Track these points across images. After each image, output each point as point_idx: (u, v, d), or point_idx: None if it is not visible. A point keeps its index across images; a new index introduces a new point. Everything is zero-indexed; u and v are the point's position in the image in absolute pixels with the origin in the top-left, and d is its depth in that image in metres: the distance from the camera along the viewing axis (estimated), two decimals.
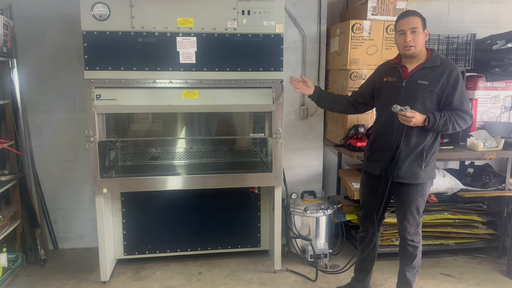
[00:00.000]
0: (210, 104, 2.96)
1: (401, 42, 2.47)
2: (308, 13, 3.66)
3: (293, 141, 3.80)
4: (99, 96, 2.83)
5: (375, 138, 2.69)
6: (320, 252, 3.38)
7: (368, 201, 2.80)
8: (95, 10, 2.76)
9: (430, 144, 2.53)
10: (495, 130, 3.62)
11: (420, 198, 2.61)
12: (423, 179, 2.56)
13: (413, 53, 2.47)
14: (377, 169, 2.65)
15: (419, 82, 2.46)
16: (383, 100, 2.61)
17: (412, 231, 2.68)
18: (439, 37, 3.45)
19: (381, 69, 2.72)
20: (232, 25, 2.90)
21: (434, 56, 2.51)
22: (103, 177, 3.00)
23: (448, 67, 2.46)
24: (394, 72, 2.58)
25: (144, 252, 3.44)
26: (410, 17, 2.45)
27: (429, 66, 2.48)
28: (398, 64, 2.58)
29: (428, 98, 2.45)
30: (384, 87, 2.62)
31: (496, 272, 3.38)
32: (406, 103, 2.41)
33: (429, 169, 2.57)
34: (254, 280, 3.23)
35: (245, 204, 3.52)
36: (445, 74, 2.43)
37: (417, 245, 2.71)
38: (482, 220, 3.57)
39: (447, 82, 2.43)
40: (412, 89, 2.48)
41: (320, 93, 2.88)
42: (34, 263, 3.46)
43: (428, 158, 2.54)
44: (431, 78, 2.45)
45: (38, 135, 3.58)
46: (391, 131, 2.54)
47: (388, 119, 2.55)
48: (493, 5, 4.02)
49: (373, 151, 2.70)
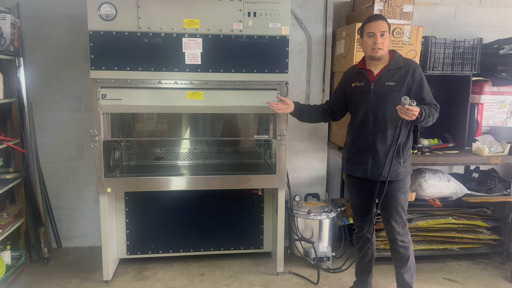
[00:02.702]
0: (215, 105, 2.96)
1: (370, 44, 2.54)
2: (314, 15, 3.66)
3: (297, 143, 3.80)
4: (104, 95, 2.84)
5: (353, 141, 2.75)
6: (323, 255, 3.37)
7: (356, 202, 2.86)
8: (102, 10, 2.78)
9: (405, 140, 2.60)
10: (501, 135, 3.59)
11: (402, 195, 2.66)
12: (403, 175, 2.64)
13: (381, 55, 2.55)
14: (359, 172, 2.71)
15: (386, 84, 2.56)
16: (355, 104, 2.70)
17: (401, 231, 2.70)
18: (445, 41, 3.44)
19: (348, 75, 2.79)
20: (238, 27, 2.90)
21: (396, 57, 2.61)
22: (108, 176, 3.01)
23: (411, 66, 2.57)
24: (361, 77, 2.66)
25: (147, 252, 3.45)
26: (379, 21, 2.54)
27: (393, 68, 2.57)
28: (363, 69, 2.65)
29: (397, 98, 2.48)
30: (354, 92, 2.70)
31: (500, 278, 3.36)
32: (377, 105, 2.55)
33: (407, 164, 2.66)
34: (256, 282, 3.23)
35: (248, 205, 3.51)
36: (409, 73, 2.54)
37: (408, 245, 2.73)
38: (486, 225, 3.55)
39: (412, 80, 2.54)
40: (381, 91, 2.57)
41: (300, 108, 2.92)
42: (38, 261, 3.48)
43: (405, 154, 2.62)
44: (397, 78, 2.55)
45: (43, 134, 3.60)
46: (367, 133, 2.62)
47: (363, 122, 2.64)
48: (500, 10, 4.00)
49: (352, 154, 2.76)
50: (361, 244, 2.89)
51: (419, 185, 3.37)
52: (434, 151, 3.40)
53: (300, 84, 3.72)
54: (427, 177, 3.39)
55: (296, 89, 3.66)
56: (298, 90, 3.71)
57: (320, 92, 3.77)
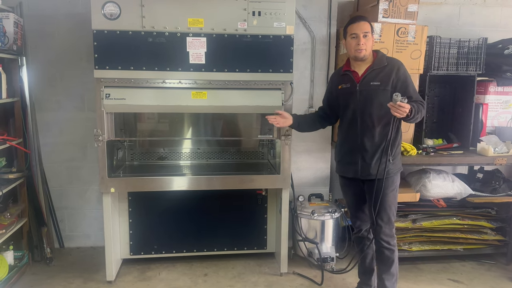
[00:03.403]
0: (219, 105, 2.95)
1: (354, 45, 2.57)
2: (318, 14, 3.64)
3: (300, 143, 3.78)
4: (108, 95, 2.83)
5: (343, 142, 2.77)
6: (327, 255, 3.35)
7: (351, 202, 2.88)
8: (106, 9, 2.76)
9: (394, 136, 2.60)
10: (506, 135, 3.58)
11: (391, 193, 2.65)
12: (392, 172, 2.64)
13: (364, 55, 2.58)
14: (349, 172, 2.73)
15: (371, 83, 2.58)
16: (342, 105, 2.72)
17: (387, 231, 2.69)
18: (450, 40, 3.42)
19: (334, 79, 2.84)
20: (242, 26, 2.89)
21: (380, 57, 2.63)
22: (111, 176, 3.00)
23: (395, 65, 2.59)
24: (346, 79, 2.68)
25: (150, 252, 3.43)
26: (362, 22, 2.57)
27: (377, 67, 2.59)
28: (348, 71, 2.68)
29: (383, 97, 2.53)
30: (341, 94, 2.72)
31: (505, 278, 3.34)
32: (363, 105, 2.58)
33: (396, 161, 2.67)
34: (260, 283, 3.21)
35: (252, 206, 3.50)
36: (394, 71, 2.56)
37: (393, 248, 2.71)
38: (491, 226, 3.53)
39: (397, 78, 2.56)
40: (367, 91, 2.59)
41: (298, 120, 2.92)
42: (40, 261, 3.46)
43: (394, 151, 2.63)
44: (382, 77, 2.57)
45: (46, 134, 3.58)
46: (356, 133, 2.64)
47: (351, 123, 2.66)
48: (504, 9, 3.99)
49: (342, 155, 2.78)
50: (362, 244, 2.88)
51: (424, 185, 3.36)
52: (438, 151, 3.39)
53: (303, 84, 3.70)
54: (431, 177, 3.38)
55: (300, 89, 3.64)
56: (302, 90, 3.69)
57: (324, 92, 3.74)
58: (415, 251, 3.43)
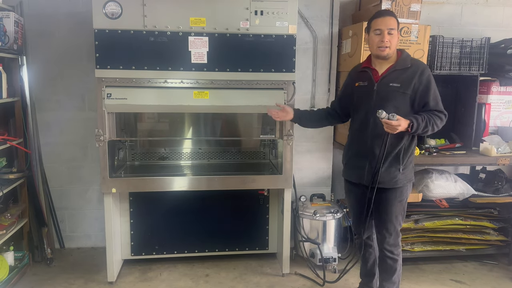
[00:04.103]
0: (221, 104, 2.93)
1: (377, 42, 2.39)
2: (320, 14, 3.63)
3: (302, 143, 3.76)
4: (109, 95, 2.81)
5: (351, 144, 2.64)
6: (329, 256, 3.34)
7: (354, 207, 2.76)
8: (107, 9, 2.74)
9: (407, 145, 2.47)
10: (508, 135, 3.56)
11: (399, 203, 2.52)
12: (402, 183, 2.49)
13: (387, 54, 2.40)
14: (353, 176, 2.61)
15: (390, 85, 2.41)
16: (356, 105, 2.57)
17: (391, 241, 2.58)
18: (453, 40, 3.41)
19: (352, 74, 2.67)
20: (244, 25, 2.87)
21: (404, 57, 2.46)
22: (112, 176, 2.98)
23: (419, 67, 2.42)
24: (364, 76, 2.52)
25: (151, 253, 3.42)
26: (388, 17, 2.39)
27: (400, 68, 2.42)
28: (368, 68, 2.52)
29: (401, 101, 2.39)
30: (357, 92, 2.56)
31: (507, 279, 3.33)
32: (379, 107, 2.34)
33: (407, 172, 2.51)
34: (262, 283, 3.20)
35: (254, 206, 3.48)
36: (417, 75, 2.39)
37: (396, 257, 2.61)
38: (493, 226, 3.52)
39: (419, 83, 2.39)
40: (384, 92, 2.42)
41: (300, 115, 2.83)
42: (41, 262, 3.44)
43: (405, 160, 2.47)
44: (403, 80, 2.40)
45: (46, 134, 3.56)
46: (366, 136, 2.49)
47: (362, 124, 2.51)
48: (506, 9, 3.97)
49: (349, 158, 2.65)
50: (363, 249, 2.78)
51: (426, 186, 3.35)
52: (441, 152, 3.38)
53: (305, 84, 3.69)
54: (434, 177, 3.36)
55: (302, 88, 3.62)
56: (304, 89, 3.67)
57: (326, 92, 3.74)
58: (417, 252, 3.42)
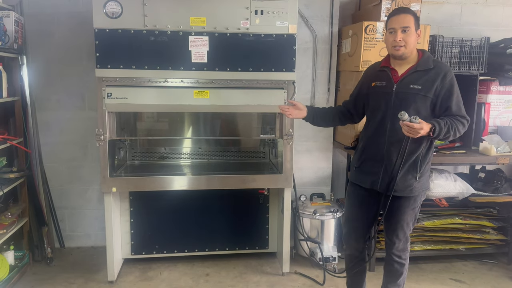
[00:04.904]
0: (221, 104, 2.93)
1: (390, 41, 2.27)
2: (320, 13, 3.63)
3: (302, 142, 3.77)
4: (110, 94, 2.81)
5: (365, 147, 2.47)
6: (329, 255, 3.35)
7: (354, 215, 2.57)
8: (108, 8, 2.74)
9: (425, 153, 2.34)
10: (508, 134, 3.57)
11: (411, 211, 2.42)
12: (417, 191, 2.38)
13: (403, 53, 2.27)
14: (367, 182, 2.44)
15: (411, 86, 2.27)
16: (372, 106, 2.42)
17: (401, 246, 2.50)
18: (452, 40, 3.41)
19: (369, 73, 2.52)
20: (244, 25, 2.88)
21: (426, 57, 2.32)
22: (112, 176, 2.98)
23: (442, 70, 2.28)
24: (383, 76, 2.37)
25: (151, 252, 3.42)
26: (402, 15, 2.25)
27: (421, 69, 2.29)
28: (387, 67, 2.38)
29: (422, 104, 2.26)
30: (373, 93, 2.41)
31: (507, 278, 3.34)
32: (397, 110, 2.17)
33: (423, 180, 2.40)
34: (262, 283, 3.20)
35: (254, 205, 3.49)
36: (439, 77, 2.25)
37: (404, 262, 2.54)
38: (493, 225, 3.53)
39: (441, 86, 2.25)
40: (404, 94, 2.28)
41: (313, 113, 2.63)
42: (41, 261, 3.44)
43: (422, 168, 2.35)
44: (424, 82, 2.26)
45: (46, 133, 3.56)
46: (382, 140, 2.35)
47: (379, 127, 2.37)
48: (506, 9, 3.98)
49: (362, 162, 2.48)
50: (353, 264, 2.62)
51: None
52: (441, 151, 3.38)
53: (305, 83, 3.69)
54: (433, 177, 3.36)
55: (302, 88, 3.62)
56: (304, 89, 3.67)
57: (326, 92, 3.74)
58: (417, 251, 3.43)
